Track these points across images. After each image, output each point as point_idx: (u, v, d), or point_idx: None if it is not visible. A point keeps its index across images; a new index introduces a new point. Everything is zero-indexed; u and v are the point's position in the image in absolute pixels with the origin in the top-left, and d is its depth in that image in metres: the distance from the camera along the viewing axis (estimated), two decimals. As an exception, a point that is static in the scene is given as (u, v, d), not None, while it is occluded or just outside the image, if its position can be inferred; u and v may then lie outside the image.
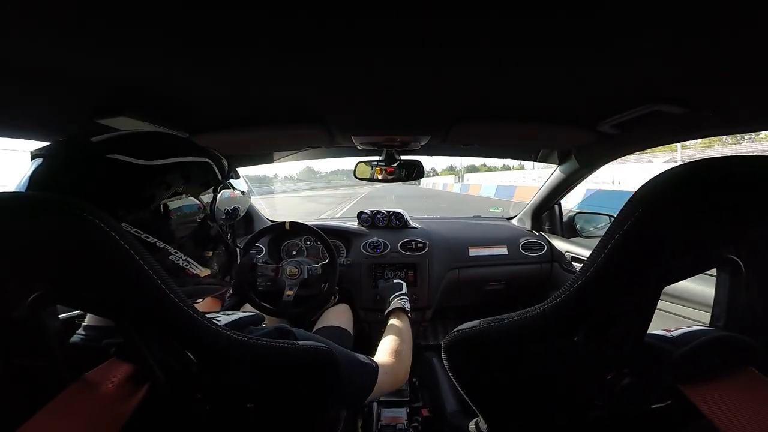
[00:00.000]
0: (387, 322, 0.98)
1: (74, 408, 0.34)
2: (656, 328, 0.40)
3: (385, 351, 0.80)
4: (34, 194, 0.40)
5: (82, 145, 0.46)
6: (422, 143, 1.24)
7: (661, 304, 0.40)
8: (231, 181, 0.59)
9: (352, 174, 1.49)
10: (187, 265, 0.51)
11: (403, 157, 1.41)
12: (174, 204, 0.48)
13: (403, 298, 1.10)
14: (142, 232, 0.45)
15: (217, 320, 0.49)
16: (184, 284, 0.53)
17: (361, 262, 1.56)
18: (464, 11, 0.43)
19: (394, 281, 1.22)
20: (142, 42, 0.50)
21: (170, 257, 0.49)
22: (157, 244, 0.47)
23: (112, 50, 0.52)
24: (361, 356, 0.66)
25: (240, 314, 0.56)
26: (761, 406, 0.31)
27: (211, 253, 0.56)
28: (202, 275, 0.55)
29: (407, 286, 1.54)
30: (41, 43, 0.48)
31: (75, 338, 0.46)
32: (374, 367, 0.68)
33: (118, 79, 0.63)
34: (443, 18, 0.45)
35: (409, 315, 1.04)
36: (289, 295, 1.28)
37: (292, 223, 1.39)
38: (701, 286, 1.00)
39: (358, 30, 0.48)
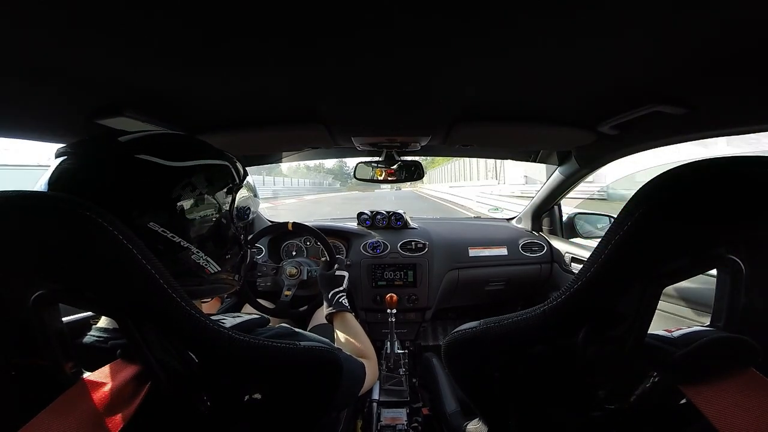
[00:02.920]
0: (333, 322, 0.94)
1: (76, 408, 0.34)
2: (657, 328, 0.40)
3: (354, 353, 0.78)
4: (38, 193, 0.40)
5: (110, 144, 0.47)
6: (422, 144, 1.24)
7: (661, 304, 0.40)
8: (246, 181, 0.60)
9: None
10: (206, 264, 0.52)
11: (403, 158, 1.41)
12: (198, 205, 0.50)
13: (342, 294, 1.01)
14: (168, 232, 0.46)
15: (222, 323, 0.49)
16: (201, 283, 0.53)
17: (360, 262, 1.56)
18: (464, 11, 0.43)
19: (336, 273, 1.08)
20: (142, 42, 0.50)
21: (192, 256, 0.50)
22: (182, 243, 0.48)
23: (112, 51, 0.52)
24: (349, 356, 0.68)
25: (245, 317, 0.56)
26: (761, 406, 0.31)
27: (227, 253, 0.57)
28: (219, 275, 0.56)
29: (407, 286, 1.55)
30: (41, 43, 0.48)
31: (87, 339, 0.46)
32: (362, 365, 0.70)
33: (117, 79, 0.63)
34: (443, 18, 0.45)
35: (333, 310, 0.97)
36: (287, 295, 1.27)
37: (294, 223, 1.39)
38: (702, 287, 1.00)
39: (357, 31, 0.48)
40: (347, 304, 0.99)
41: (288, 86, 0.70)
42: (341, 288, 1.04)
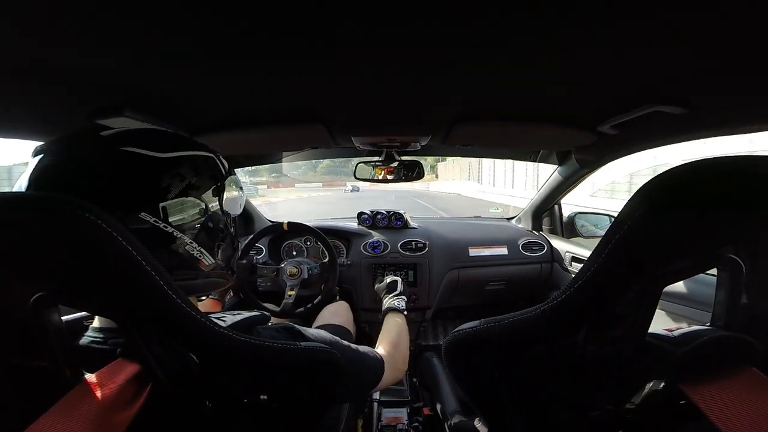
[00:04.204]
0: (384, 319, 1.00)
1: (78, 410, 0.34)
2: (657, 328, 0.40)
3: (383, 344, 0.82)
4: (36, 194, 0.40)
5: (94, 139, 0.46)
6: (422, 143, 1.24)
7: (661, 304, 0.40)
8: (232, 176, 0.60)
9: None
10: (200, 256, 0.53)
11: (403, 158, 1.41)
12: (188, 195, 0.50)
13: (398, 298, 1.07)
14: (160, 222, 0.46)
15: (223, 320, 0.49)
16: (197, 277, 0.53)
17: (360, 262, 1.56)
18: (464, 12, 0.43)
19: (388, 280, 1.17)
20: (142, 42, 0.50)
21: (186, 246, 0.50)
22: (175, 233, 0.48)
23: (111, 50, 0.52)
24: (367, 350, 0.67)
25: (246, 314, 0.56)
26: (762, 405, 0.31)
27: (219, 245, 0.57)
28: (212, 267, 0.56)
29: (407, 286, 1.55)
30: (41, 44, 0.48)
31: (84, 340, 0.46)
32: (380, 361, 0.69)
33: (118, 79, 0.63)
34: (443, 20, 0.45)
35: (405, 313, 1.02)
36: (290, 296, 1.28)
37: (290, 223, 1.40)
38: (702, 286, 1.00)
39: (357, 32, 0.48)
40: (401, 306, 1.04)
41: (288, 86, 0.70)
42: (398, 291, 1.11)
